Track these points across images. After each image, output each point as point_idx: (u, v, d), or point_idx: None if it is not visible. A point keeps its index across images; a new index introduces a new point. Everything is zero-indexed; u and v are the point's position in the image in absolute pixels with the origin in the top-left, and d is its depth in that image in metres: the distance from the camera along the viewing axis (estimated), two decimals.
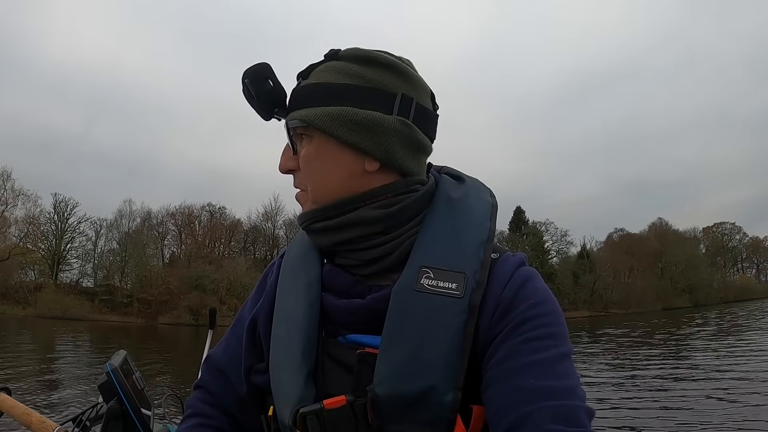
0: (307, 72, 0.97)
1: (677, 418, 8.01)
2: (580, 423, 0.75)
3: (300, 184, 0.98)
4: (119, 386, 1.55)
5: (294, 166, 0.98)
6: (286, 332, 0.93)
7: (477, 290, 0.85)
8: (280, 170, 1.00)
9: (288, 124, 0.95)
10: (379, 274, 0.93)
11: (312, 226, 0.96)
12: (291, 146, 0.97)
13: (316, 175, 0.94)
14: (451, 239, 0.90)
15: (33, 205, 58.13)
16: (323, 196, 0.94)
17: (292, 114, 0.94)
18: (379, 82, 0.92)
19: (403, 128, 0.92)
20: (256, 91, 0.93)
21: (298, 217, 1.01)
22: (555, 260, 71.06)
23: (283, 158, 0.99)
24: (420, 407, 0.81)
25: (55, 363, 16.52)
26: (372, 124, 0.90)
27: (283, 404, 0.89)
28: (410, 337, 0.82)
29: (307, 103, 0.93)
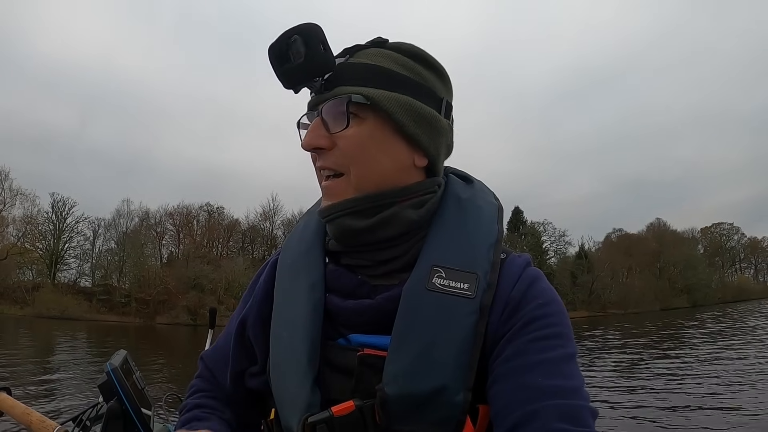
0: (354, 51, 0.92)
1: (677, 418, 8.01)
2: (584, 423, 0.75)
3: (334, 164, 0.90)
4: (119, 386, 1.55)
5: (326, 144, 0.89)
6: (290, 335, 0.91)
7: (488, 291, 0.85)
8: (306, 147, 0.91)
9: (339, 99, 0.88)
10: (387, 274, 0.92)
11: (342, 221, 0.91)
12: (324, 122, 0.89)
13: (367, 159, 0.89)
14: (463, 240, 0.90)
15: (31, 205, 58.19)
16: (369, 184, 0.90)
17: (347, 89, 0.88)
18: (432, 83, 0.93)
19: (450, 133, 0.95)
20: (308, 50, 0.83)
21: (325, 208, 0.93)
22: (553, 260, 71.26)
23: (313, 134, 0.90)
24: (430, 407, 0.80)
25: (54, 363, 16.45)
26: (434, 121, 0.91)
27: (290, 411, 0.87)
28: (421, 336, 0.82)
29: (363, 81, 0.88)
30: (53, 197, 59.78)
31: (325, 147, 0.89)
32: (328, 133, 0.89)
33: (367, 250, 0.92)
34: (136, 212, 63.45)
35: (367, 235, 0.90)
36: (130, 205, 63.43)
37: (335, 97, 0.88)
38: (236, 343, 1.03)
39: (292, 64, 0.85)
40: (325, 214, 0.93)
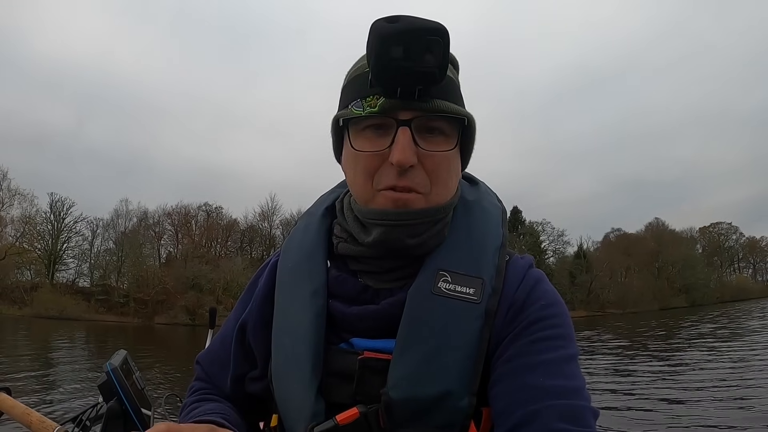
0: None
1: (675, 417, 8.02)
2: (586, 423, 0.75)
3: (418, 185, 0.85)
4: (119, 386, 1.55)
5: (415, 161, 0.83)
6: (292, 343, 0.89)
7: (493, 296, 0.85)
8: (403, 164, 0.82)
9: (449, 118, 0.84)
10: (391, 279, 0.91)
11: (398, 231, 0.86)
12: (413, 137, 0.83)
13: (448, 179, 0.88)
14: (469, 244, 0.89)
15: (29, 205, 58.19)
16: (441, 204, 0.88)
17: (453, 107, 0.84)
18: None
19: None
20: (444, 59, 0.77)
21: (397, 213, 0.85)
22: (552, 260, 71.17)
23: (409, 150, 0.82)
24: (435, 412, 0.80)
25: (53, 363, 16.46)
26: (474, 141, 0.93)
27: (295, 420, 0.87)
28: (427, 340, 0.81)
29: (456, 99, 0.86)
30: (51, 197, 59.85)
31: (414, 164, 0.83)
32: (417, 148, 0.83)
33: (386, 257, 0.90)
34: (134, 212, 63.62)
35: (408, 251, 0.88)
36: (128, 205, 63.64)
37: (440, 112, 0.83)
38: (236, 347, 1.02)
39: (417, 65, 0.77)
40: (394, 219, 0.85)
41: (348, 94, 0.89)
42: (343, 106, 0.89)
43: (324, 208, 1.03)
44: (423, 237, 0.87)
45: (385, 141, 0.84)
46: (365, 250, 0.91)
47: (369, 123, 0.85)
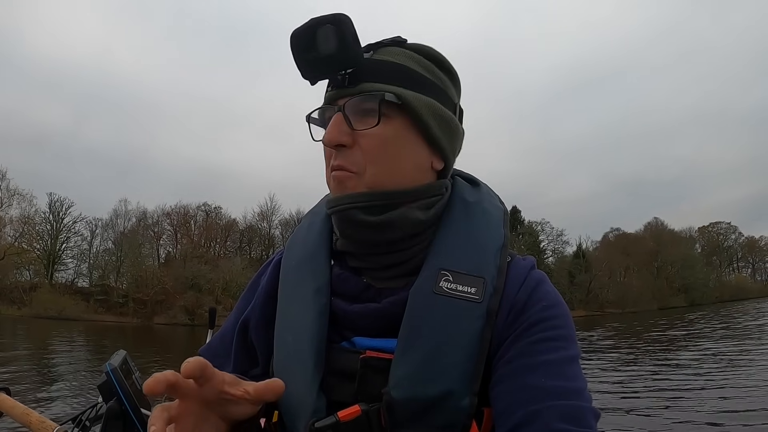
0: (376, 47, 0.90)
1: (675, 417, 8.03)
2: (587, 424, 0.75)
3: (351, 164, 0.87)
4: (119, 386, 1.56)
5: (347, 141, 0.86)
6: (294, 340, 0.89)
7: (495, 296, 0.85)
8: (329, 143, 0.87)
9: (368, 96, 0.85)
10: (393, 278, 0.91)
11: (352, 213, 0.87)
12: (346, 119, 0.86)
13: (388, 160, 0.87)
14: (470, 244, 0.90)
15: (28, 205, 58.05)
16: (386, 184, 0.87)
17: (377, 86, 0.86)
18: (448, 87, 0.94)
19: (463, 137, 0.97)
20: (341, 42, 0.81)
21: (335, 199, 0.90)
22: (551, 260, 71.16)
23: (336, 130, 0.86)
24: (436, 411, 0.80)
25: (52, 363, 16.45)
26: (454, 126, 0.92)
27: (295, 416, 0.86)
28: (428, 340, 0.81)
29: (391, 80, 0.87)
30: (50, 197, 59.70)
31: (347, 144, 0.86)
32: (351, 129, 0.86)
33: (373, 252, 0.90)
34: (133, 212, 63.47)
35: (373, 233, 0.88)
36: (127, 205, 63.50)
37: (362, 93, 0.85)
38: (238, 344, 1.02)
39: (320, 53, 0.82)
40: (333, 204, 0.90)
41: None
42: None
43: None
44: (383, 216, 0.87)
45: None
46: (357, 245, 0.92)
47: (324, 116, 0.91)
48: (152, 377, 0.61)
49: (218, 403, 0.71)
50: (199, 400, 0.68)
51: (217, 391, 0.69)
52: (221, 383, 0.69)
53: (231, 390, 0.70)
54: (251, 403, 0.73)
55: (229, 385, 0.70)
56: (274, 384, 0.70)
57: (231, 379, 0.71)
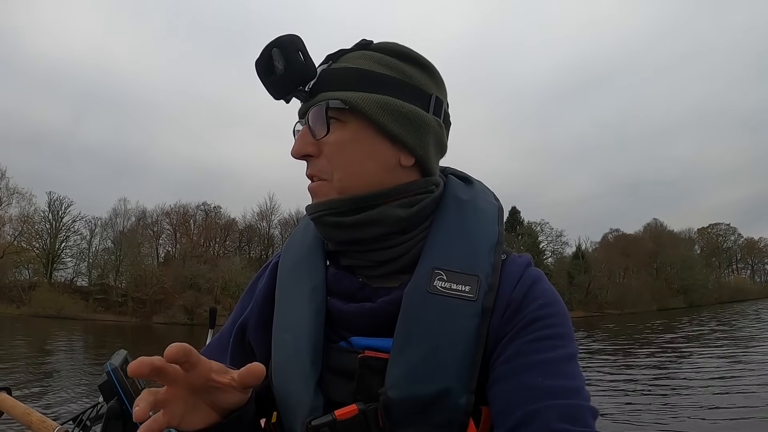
0: (337, 56, 0.92)
1: (673, 417, 8.04)
2: (585, 423, 0.75)
3: (319, 171, 0.91)
4: (119, 386, 1.55)
5: (313, 151, 0.90)
6: (292, 339, 0.90)
7: (489, 293, 0.85)
8: (295, 155, 0.91)
9: (320, 105, 0.88)
10: (386, 276, 0.91)
11: (326, 218, 0.90)
12: (310, 130, 0.89)
13: (349, 163, 0.89)
14: (463, 242, 0.89)
15: (27, 204, 58.11)
16: (352, 187, 0.89)
17: (327, 94, 0.88)
18: (417, 80, 0.92)
19: (438, 129, 0.93)
20: (286, 62, 0.85)
21: (310, 206, 0.93)
22: (550, 260, 71.25)
23: (300, 141, 0.91)
24: (433, 410, 0.80)
25: (52, 362, 16.43)
26: (416, 119, 0.89)
27: (292, 414, 0.87)
28: (424, 339, 0.81)
29: (344, 85, 0.88)
30: (50, 196, 59.79)
31: (313, 154, 0.90)
32: (315, 139, 0.89)
33: (363, 250, 0.91)
34: (132, 211, 63.59)
35: (352, 233, 0.89)
36: (126, 204, 63.59)
37: (317, 103, 0.88)
38: (235, 346, 1.02)
39: (275, 76, 0.86)
40: (310, 212, 0.93)
41: None
42: None
43: None
44: (360, 216, 0.88)
45: None
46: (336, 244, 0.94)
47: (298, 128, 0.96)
48: (137, 360, 0.61)
49: (207, 391, 0.72)
50: (186, 386, 0.69)
51: (204, 378, 0.69)
52: (208, 370, 0.69)
53: (218, 377, 0.70)
54: (238, 390, 0.73)
55: (216, 373, 0.70)
56: (254, 368, 0.69)
57: (218, 367, 0.71)
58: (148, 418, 0.64)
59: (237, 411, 0.77)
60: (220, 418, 0.76)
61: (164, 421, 0.69)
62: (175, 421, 0.70)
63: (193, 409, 0.72)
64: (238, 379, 0.70)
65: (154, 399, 0.66)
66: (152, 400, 0.66)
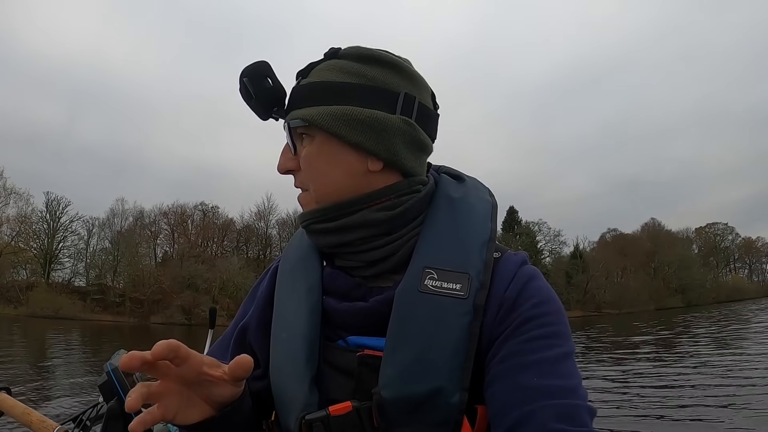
0: (307, 71, 0.94)
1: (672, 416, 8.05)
2: (582, 422, 0.75)
3: (301, 184, 0.96)
4: (119, 386, 1.55)
5: (294, 166, 0.95)
6: (288, 337, 0.92)
7: (481, 291, 0.85)
8: (279, 171, 0.97)
9: (288, 124, 0.93)
10: (380, 275, 0.92)
11: (312, 227, 0.94)
12: (291, 146, 0.95)
13: (319, 175, 0.92)
14: (454, 240, 0.89)
15: (25, 204, 57.98)
16: (326, 196, 0.92)
17: (293, 113, 0.92)
18: (382, 81, 0.91)
19: (406, 128, 0.90)
20: (255, 90, 0.91)
21: (298, 217, 0.99)
22: (548, 260, 71.37)
23: (282, 158, 0.96)
24: (427, 409, 0.80)
25: (51, 362, 16.40)
26: (375, 123, 0.88)
27: (287, 410, 0.88)
28: (416, 339, 0.82)
29: (307, 102, 0.91)
30: (47, 196, 59.83)
31: (294, 168, 0.96)
32: (294, 155, 0.95)
33: (351, 251, 0.93)
34: (130, 211, 63.58)
35: (337, 236, 0.92)
36: (124, 204, 63.59)
37: (288, 122, 0.93)
38: (235, 349, 1.03)
39: (252, 102, 0.93)
40: (299, 222, 0.99)
41: None
42: None
43: None
44: (340, 221, 0.91)
45: None
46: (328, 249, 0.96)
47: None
48: (129, 354, 0.63)
49: (200, 385, 0.74)
50: (179, 379, 0.71)
51: (196, 371, 0.71)
52: (199, 364, 0.71)
53: (210, 371, 0.72)
54: (230, 384, 0.75)
55: (209, 367, 0.72)
56: (243, 359, 0.71)
57: (210, 361, 0.73)
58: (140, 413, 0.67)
59: (231, 405, 0.79)
60: (215, 412, 0.78)
61: (158, 414, 0.69)
62: (170, 415, 0.71)
63: (187, 404, 0.74)
64: (229, 372, 0.71)
65: (147, 391, 0.67)
66: (145, 392, 0.66)
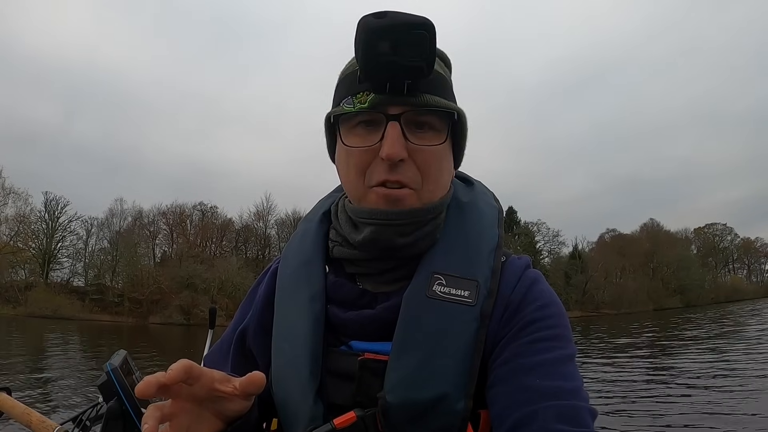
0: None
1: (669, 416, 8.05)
2: (584, 423, 0.75)
3: (408, 179, 0.85)
4: (119, 386, 1.54)
5: (405, 155, 0.84)
6: (291, 347, 0.90)
7: (489, 298, 0.85)
8: (392, 157, 0.82)
9: (439, 111, 0.84)
10: (388, 282, 0.91)
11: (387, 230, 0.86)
12: (402, 132, 0.83)
13: (440, 176, 0.88)
14: (463, 246, 0.89)
15: (23, 204, 57.81)
16: (434, 200, 0.89)
17: (437, 100, 0.84)
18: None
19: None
20: (431, 53, 0.77)
21: (389, 211, 0.86)
22: (547, 260, 71.35)
23: (398, 144, 0.82)
24: (431, 415, 0.80)
25: (50, 362, 16.36)
26: (467, 132, 0.92)
27: (292, 423, 0.87)
28: (422, 344, 0.81)
29: (445, 94, 0.86)
30: (46, 196, 59.74)
31: (404, 158, 0.84)
32: (406, 142, 0.83)
33: (373, 261, 0.91)
34: (129, 211, 63.41)
35: (397, 251, 0.88)
36: (123, 204, 63.44)
37: (428, 107, 0.83)
38: (236, 353, 1.02)
39: (401, 58, 0.77)
40: (379, 216, 0.86)
41: (340, 92, 0.89)
42: (336, 104, 0.90)
43: (321, 214, 1.03)
44: (413, 236, 0.87)
45: (375, 136, 0.84)
46: (357, 252, 0.91)
47: (359, 119, 0.86)
48: (143, 381, 0.62)
49: (211, 401, 0.73)
50: (191, 398, 0.70)
51: (208, 389, 0.70)
52: (211, 381, 0.70)
53: (221, 387, 0.71)
54: (240, 398, 0.74)
55: (219, 383, 0.71)
56: (255, 377, 0.70)
57: (221, 376, 0.72)
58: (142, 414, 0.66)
59: (240, 418, 0.78)
60: (224, 425, 0.77)
61: None
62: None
63: (198, 420, 0.73)
64: (240, 388, 0.70)
65: (161, 414, 0.67)
66: (159, 415, 0.66)
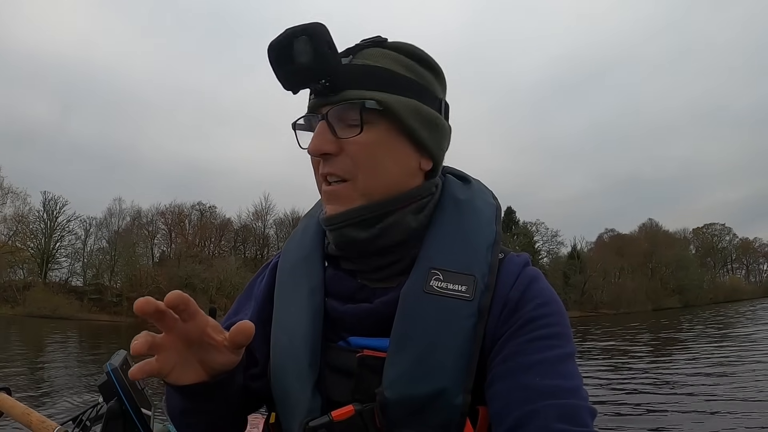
0: (355, 51, 0.88)
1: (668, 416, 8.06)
2: (583, 422, 0.75)
3: (342, 171, 0.87)
4: (119, 386, 1.54)
5: (332, 149, 0.86)
6: (290, 341, 0.90)
7: (486, 293, 0.85)
8: (314, 152, 0.86)
9: (350, 104, 0.84)
10: (386, 278, 0.91)
11: (345, 231, 0.89)
12: (330, 127, 0.85)
13: (377, 165, 0.87)
14: (460, 242, 0.89)
15: (22, 203, 57.82)
16: (376, 190, 0.88)
17: (358, 93, 0.84)
18: (431, 84, 0.92)
19: (450, 134, 0.95)
20: (316, 53, 0.79)
21: (333, 216, 0.89)
22: (545, 260, 71.42)
23: (319, 139, 0.85)
24: (430, 410, 0.80)
25: (50, 362, 16.36)
26: (438, 124, 0.91)
27: (290, 415, 0.87)
28: (420, 340, 0.81)
29: (372, 85, 0.85)
30: (44, 196, 59.74)
31: (332, 152, 0.86)
32: (335, 137, 0.85)
33: (365, 256, 0.91)
34: (127, 211, 63.44)
35: (368, 245, 0.89)
36: (121, 203, 63.37)
37: (344, 101, 0.84)
38: None
39: (296, 65, 0.81)
40: (328, 224, 0.91)
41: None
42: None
43: (321, 210, 1.01)
44: (377, 228, 0.88)
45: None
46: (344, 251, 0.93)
47: (310, 124, 0.90)
48: (143, 298, 0.65)
49: (200, 347, 0.74)
50: (182, 336, 0.71)
51: (200, 330, 0.72)
52: (205, 324, 0.72)
53: (213, 334, 0.73)
54: (229, 351, 0.75)
55: (212, 329, 0.73)
56: (243, 325, 0.71)
57: (214, 324, 0.74)
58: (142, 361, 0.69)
59: (225, 373, 0.79)
60: (208, 377, 0.77)
61: (156, 366, 0.70)
62: (166, 369, 0.72)
63: (184, 363, 0.74)
64: (230, 337, 0.72)
65: (152, 340, 0.69)
66: (150, 340, 0.68)
